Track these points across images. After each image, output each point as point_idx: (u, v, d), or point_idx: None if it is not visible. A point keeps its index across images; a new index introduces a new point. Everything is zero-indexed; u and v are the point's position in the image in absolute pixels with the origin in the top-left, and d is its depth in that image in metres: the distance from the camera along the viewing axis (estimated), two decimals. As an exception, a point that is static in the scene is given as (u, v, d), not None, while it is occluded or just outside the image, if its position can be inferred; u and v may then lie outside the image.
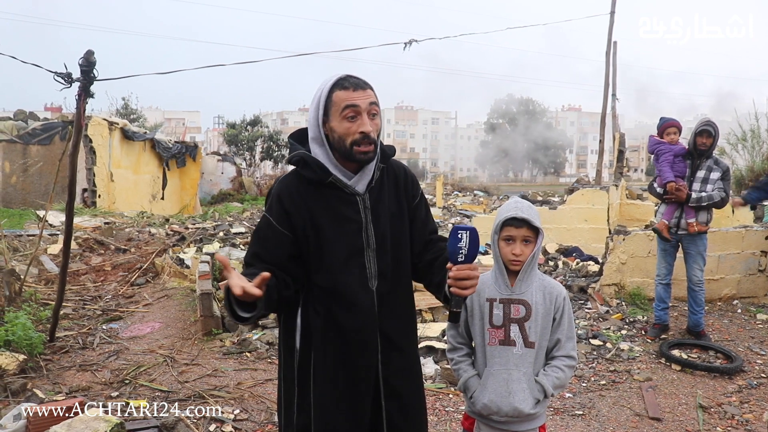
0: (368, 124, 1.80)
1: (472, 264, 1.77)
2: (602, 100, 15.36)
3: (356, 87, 1.81)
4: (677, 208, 5.18)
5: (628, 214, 9.98)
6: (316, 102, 1.85)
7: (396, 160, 2.05)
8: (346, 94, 1.80)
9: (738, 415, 3.96)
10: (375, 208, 1.91)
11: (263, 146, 34.85)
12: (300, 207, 1.86)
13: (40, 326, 5.30)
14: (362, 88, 1.82)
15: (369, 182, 1.90)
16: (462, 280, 1.74)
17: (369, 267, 1.89)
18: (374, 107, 1.83)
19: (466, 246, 1.74)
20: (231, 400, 4.02)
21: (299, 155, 1.86)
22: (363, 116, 1.81)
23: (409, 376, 2.02)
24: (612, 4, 15.94)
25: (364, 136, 1.80)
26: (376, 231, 1.90)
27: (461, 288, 1.74)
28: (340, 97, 1.80)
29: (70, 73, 3.99)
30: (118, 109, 33.95)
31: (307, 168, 1.85)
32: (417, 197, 2.05)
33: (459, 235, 1.75)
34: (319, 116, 1.84)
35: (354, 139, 1.81)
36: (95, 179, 14.27)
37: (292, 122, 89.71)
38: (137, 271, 7.38)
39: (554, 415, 3.92)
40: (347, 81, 1.82)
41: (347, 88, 1.80)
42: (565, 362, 2.18)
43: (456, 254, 1.76)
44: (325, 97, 1.83)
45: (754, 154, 15.59)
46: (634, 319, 5.83)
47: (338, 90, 1.81)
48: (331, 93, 1.82)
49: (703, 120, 5.18)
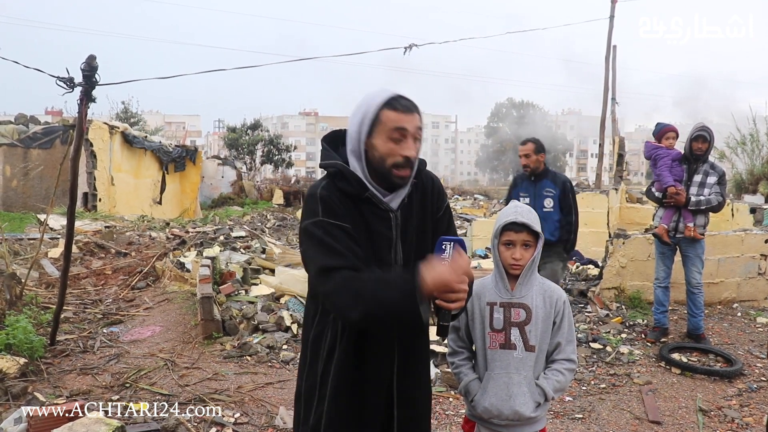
0: (412, 148, 1.78)
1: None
2: (602, 104, 15.40)
3: (406, 110, 1.78)
4: (675, 212, 5.21)
5: (627, 217, 10.00)
6: (360, 116, 1.80)
7: (427, 172, 2.00)
8: (396, 116, 1.77)
9: (738, 418, 3.96)
10: (404, 225, 1.88)
11: (264, 150, 34.86)
12: (344, 213, 1.79)
13: (41, 330, 5.30)
14: (411, 112, 1.78)
15: (402, 199, 1.87)
16: (447, 293, 1.68)
17: None
18: (419, 132, 1.81)
19: (450, 257, 1.70)
20: (231, 403, 4.02)
21: (337, 167, 1.81)
22: (408, 140, 1.78)
23: (420, 385, 2.01)
24: (611, 9, 15.99)
25: (407, 160, 1.78)
26: (404, 247, 1.88)
27: (446, 301, 1.68)
28: (390, 118, 1.77)
29: (72, 78, 4.00)
30: (119, 113, 34.01)
31: (344, 181, 1.80)
32: (441, 210, 2.00)
33: (443, 246, 1.71)
34: (363, 131, 1.80)
35: (396, 162, 1.78)
36: (96, 183, 14.29)
37: (293, 126, 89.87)
38: (138, 274, 7.38)
39: (554, 418, 3.93)
40: (398, 102, 1.78)
41: (398, 110, 1.77)
42: (565, 365, 2.19)
43: None
44: (373, 113, 1.78)
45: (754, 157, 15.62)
46: (634, 323, 5.83)
47: (388, 109, 1.77)
48: (380, 111, 1.78)
49: (699, 125, 5.21)
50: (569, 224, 4.95)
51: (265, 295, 6.19)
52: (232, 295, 6.16)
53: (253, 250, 8.34)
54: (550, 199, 4.96)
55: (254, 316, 5.59)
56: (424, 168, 1.95)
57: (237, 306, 5.86)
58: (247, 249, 8.39)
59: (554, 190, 4.99)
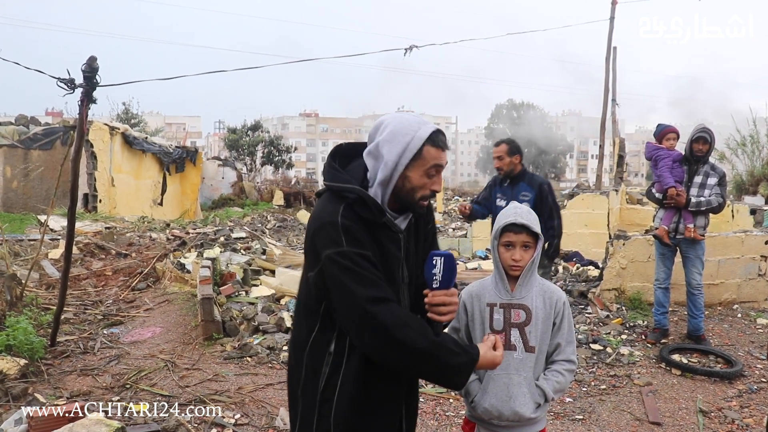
0: (441, 183, 1.86)
1: (448, 290, 1.77)
2: (602, 105, 15.41)
3: (445, 148, 1.84)
4: (676, 213, 5.21)
5: (628, 218, 9.99)
6: (401, 147, 1.77)
7: None
8: (437, 153, 1.81)
9: (738, 419, 3.96)
10: (408, 245, 1.92)
11: (264, 151, 34.87)
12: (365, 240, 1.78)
13: (41, 331, 5.31)
14: (446, 150, 1.86)
15: (409, 221, 1.91)
16: (438, 306, 1.75)
17: (403, 302, 1.89)
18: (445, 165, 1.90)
19: (440, 272, 1.75)
20: (232, 404, 4.03)
21: (357, 192, 1.78)
22: (440, 175, 1.86)
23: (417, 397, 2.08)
24: (611, 10, 16.01)
25: (434, 194, 1.86)
26: (408, 267, 1.91)
27: (437, 314, 1.75)
28: (432, 154, 1.80)
29: (73, 79, 4.01)
30: (119, 114, 34.01)
31: (364, 207, 1.79)
32: (429, 223, 2.05)
33: (434, 261, 1.76)
34: (403, 163, 1.78)
35: (424, 195, 1.83)
36: (96, 184, 14.30)
37: (293, 127, 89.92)
38: (138, 275, 7.39)
39: (554, 419, 3.93)
40: (440, 140, 1.82)
41: (439, 148, 1.81)
42: (565, 366, 2.20)
43: (431, 280, 1.77)
44: (417, 147, 1.78)
45: (754, 158, 15.62)
46: (634, 324, 5.83)
47: (431, 146, 1.79)
48: (424, 145, 1.79)
49: (699, 127, 5.21)
50: (551, 228, 4.69)
51: (265, 296, 6.19)
52: (232, 296, 6.17)
53: (254, 251, 8.34)
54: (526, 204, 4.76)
55: (255, 317, 5.59)
56: None
57: (237, 307, 5.86)
58: (247, 250, 8.40)
59: (530, 193, 4.73)
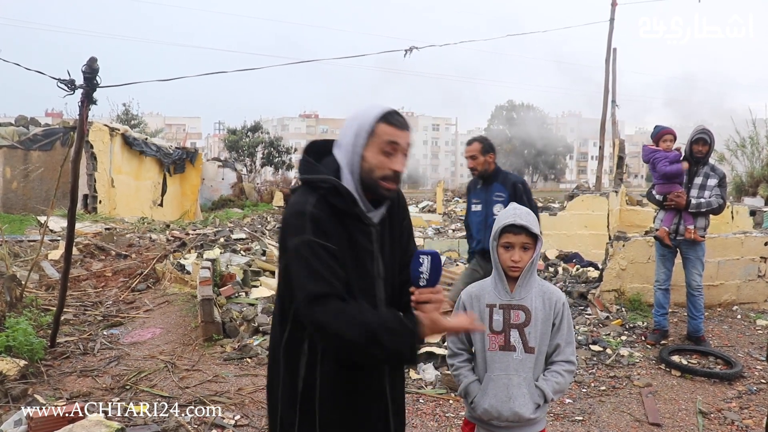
0: (402, 163, 1.84)
1: (434, 288, 1.79)
2: (602, 107, 15.42)
3: (401, 126, 1.83)
4: (676, 215, 5.21)
5: (627, 220, 10.00)
6: (355, 129, 1.82)
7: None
8: (392, 130, 1.81)
9: (738, 420, 3.96)
10: (383, 238, 1.93)
11: (264, 152, 34.91)
12: (331, 231, 1.80)
13: (41, 332, 5.31)
14: (405, 129, 1.84)
15: (383, 213, 1.91)
16: (424, 303, 1.78)
17: (378, 296, 1.90)
18: (409, 148, 1.87)
19: (428, 270, 1.77)
20: (232, 405, 4.03)
21: (332, 183, 1.81)
22: (399, 155, 1.83)
23: (403, 391, 2.09)
24: (611, 12, 16.03)
25: (396, 174, 1.83)
26: (384, 260, 1.92)
27: (424, 312, 1.77)
28: (385, 131, 1.81)
29: (73, 80, 4.02)
30: (119, 114, 34.03)
31: (338, 197, 1.81)
32: (404, 219, 2.07)
33: (420, 260, 1.78)
34: (359, 143, 1.82)
35: (384, 175, 1.81)
36: (96, 185, 14.30)
37: (293, 128, 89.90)
38: (138, 276, 7.39)
39: (554, 420, 3.93)
40: (394, 118, 1.83)
41: (393, 125, 1.82)
42: (564, 367, 2.20)
43: (417, 278, 1.79)
44: (370, 126, 1.82)
45: (754, 160, 15.64)
46: (634, 325, 5.84)
47: (384, 123, 1.81)
48: (376, 124, 1.82)
49: (699, 128, 5.22)
50: None
51: (265, 297, 6.19)
52: (232, 297, 6.16)
53: (254, 252, 8.34)
54: (500, 205, 4.37)
55: (254, 318, 5.59)
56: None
57: (237, 308, 5.86)
58: (247, 251, 8.40)
59: (504, 193, 4.44)
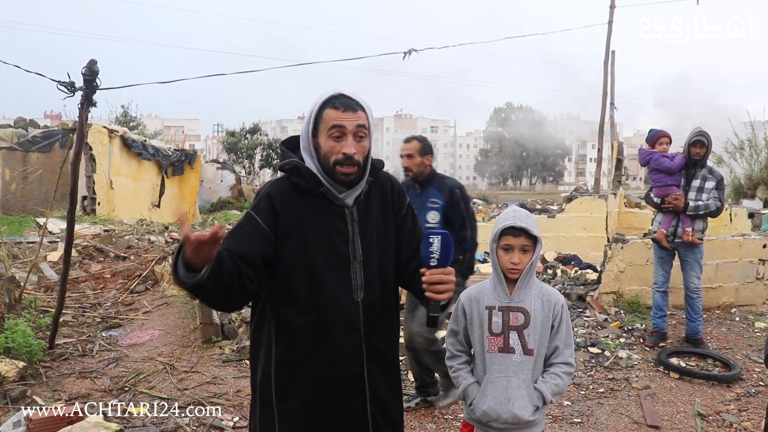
0: (352, 146, 1.83)
1: (445, 268, 1.78)
2: (600, 109, 15.43)
3: (346, 108, 1.83)
4: (674, 217, 5.22)
5: (626, 222, 10.02)
6: (308, 115, 1.89)
7: (384, 172, 2.07)
8: (335, 114, 1.83)
9: (736, 423, 3.97)
10: (362, 221, 1.93)
11: (262, 154, 34.94)
12: (289, 210, 1.87)
13: (40, 333, 5.30)
14: (352, 110, 1.84)
15: (358, 196, 1.93)
16: (435, 284, 1.77)
17: (354, 278, 1.90)
18: (362, 130, 1.85)
19: (438, 250, 1.77)
20: (230, 407, 4.02)
21: (293, 163, 1.89)
22: (348, 138, 1.83)
23: (391, 382, 2.04)
24: (610, 14, 16.05)
25: (347, 157, 1.82)
26: (363, 243, 1.92)
27: (435, 292, 1.77)
28: (329, 116, 1.84)
29: (73, 82, 4.02)
30: (118, 116, 34.00)
31: (299, 176, 1.88)
32: (404, 208, 2.07)
33: (431, 240, 1.77)
34: (309, 129, 1.88)
35: (336, 159, 1.83)
36: (95, 187, 14.28)
37: (292, 130, 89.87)
38: (137, 278, 7.38)
39: (553, 422, 3.93)
40: (338, 101, 1.84)
41: (337, 108, 1.83)
42: (563, 369, 2.20)
43: (428, 259, 1.78)
44: (316, 112, 1.86)
45: (752, 162, 15.66)
46: (633, 327, 5.84)
47: (329, 108, 1.84)
48: (322, 109, 1.85)
49: (696, 130, 5.22)
50: (464, 240, 3.97)
51: (264, 299, 6.18)
52: (231, 299, 6.15)
53: (252, 254, 8.32)
54: (435, 212, 4.01)
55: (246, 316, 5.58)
56: (381, 168, 2.02)
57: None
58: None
59: (440, 199, 4.06)
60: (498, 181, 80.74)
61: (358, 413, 1.92)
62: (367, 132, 1.88)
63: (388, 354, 2.02)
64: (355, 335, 1.90)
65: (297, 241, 1.86)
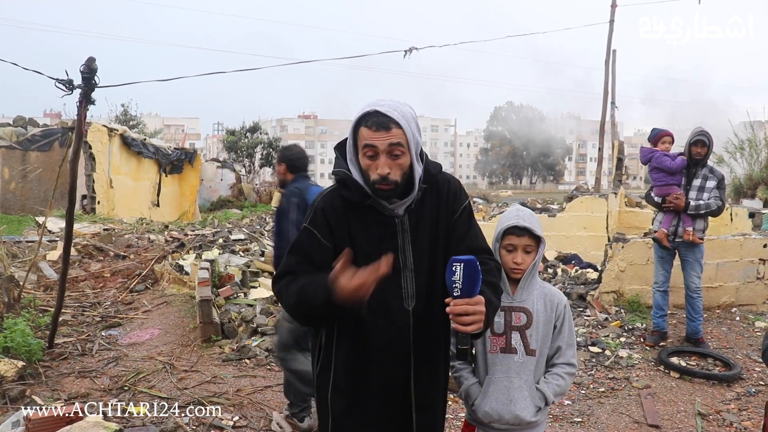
0: (385, 166, 1.78)
1: (471, 299, 1.66)
2: (601, 108, 15.42)
3: (378, 127, 1.77)
4: (675, 217, 5.21)
5: (626, 221, 10.00)
6: (351, 128, 1.86)
7: (444, 174, 2.01)
8: (368, 134, 1.79)
9: (737, 422, 3.96)
10: (414, 230, 1.90)
11: (263, 153, 34.92)
12: (341, 223, 1.87)
13: (39, 333, 5.29)
14: (385, 129, 1.77)
15: (409, 205, 1.90)
16: (460, 315, 1.65)
17: (405, 287, 1.89)
18: (396, 148, 1.79)
19: (460, 279, 1.63)
20: (230, 406, 4.01)
21: (341, 175, 1.87)
22: (381, 158, 1.79)
23: (437, 391, 2.03)
24: (611, 13, 16.05)
25: (382, 178, 1.79)
26: (414, 252, 1.90)
27: (461, 324, 1.66)
28: (363, 135, 1.80)
29: (71, 80, 4.01)
30: (118, 115, 33.98)
31: (346, 189, 1.87)
32: (457, 212, 1.97)
33: (453, 268, 1.64)
34: (351, 150, 1.87)
35: (374, 179, 1.81)
36: (94, 185, 14.26)
37: (292, 129, 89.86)
38: (136, 277, 7.37)
39: (553, 422, 3.92)
40: (371, 119, 1.78)
41: (369, 128, 1.79)
42: (565, 369, 2.19)
43: (451, 288, 1.66)
44: (353, 131, 1.84)
45: (752, 162, 15.65)
46: (633, 327, 5.84)
47: (363, 127, 1.80)
48: (358, 127, 1.82)
49: (698, 130, 5.21)
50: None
51: (264, 298, 6.18)
52: (230, 298, 6.15)
53: (252, 252, 8.32)
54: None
55: (253, 319, 5.58)
56: (439, 171, 1.97)
57: (236, 309, 5.85)
58: (246, 252, 8.38)
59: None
60: (498, 180, 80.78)
61: (403, 420, 1.93)
62: (404, 149, 1.80)
63: (437, 362, 2.00)
64: (404, 343, 1.90)
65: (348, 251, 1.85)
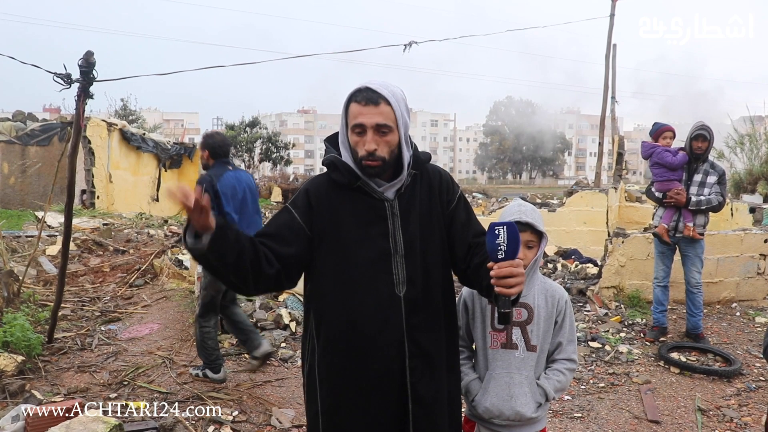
0: (372, 141, 1.79)
1: (514, 260, 1.66)
2: (601, 103, 15.38)
3: (368, 102, 1.78)
4: (675, 212, 5.20)
5: (626, 216, 10.00)
6: (342, 109, 1.86)
7: (433, 165, 2.02)
8: (357, 109, 1.79)
9: (737, 418, 3.96)
10: (404, 214, 1.89)
11: (262, 147, 34.91)
12: (324, 205, 1.87)
13: (39, 327, 5.28)
14: (374, 104, 1.78)
15: (399, 189, 1.89)
16: (505, 278, 1.64)
17: (396, 273, 1.86)
18: (383, 127, 1.79)
19: (505, 242, 1.66)
20: (230, 401, 4.01)
21: (330, 158, 1.89)
22: (368, 134, 1.79)
23: (438, 383, 1.94)
24: (611, 7, 15.97)
25: (368, 153, 1.80)
26: (405, 237, 1.87)
27: (505, 287, 1.64)
28: (352, 111, 1.81)
29: (69, 74, 3.98)
30: (117, 110, 33.95)
31: (336, 171, 1.87)
32: (453, 201, 1.99)
33: (496, 231, 1.67)
34: (343, 123, 1.87)
35: (361, 155, 1.81)
36: (94, 180, 14.24)
37: (291, 123, 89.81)
38: (136, 272, 7.37)
39: (553, 417, 3.92)
40: (361, 94, 1.79)
41: (359, 102, 1.79)
42: (566, 365, 2.18)
43: (495, 252, 1.67)
44: (345, 107, 1.84)
45: (753, 157, 15.64)
46: (633, 322, 5.83)
47: (353, 103, 1.81)
48: (348, 104, 1.82)
49: (698, 124, 5.18)
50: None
51: (263, 293, 6.16)
52: (230, 293, 6.14)
53: (252, 247, 8.30)
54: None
55: (252, 314, 5.57)
56: (427, 160, 1.97)
57: (235, 304, 5.84)
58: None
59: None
60: (498, 175, 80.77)
61: (399, 412, 1.87)
62: (391, 126, 1.80)
63: (436, 352, 1.93)
64: (396, 331, 1.85)
65: (334, 236, 1.85)
